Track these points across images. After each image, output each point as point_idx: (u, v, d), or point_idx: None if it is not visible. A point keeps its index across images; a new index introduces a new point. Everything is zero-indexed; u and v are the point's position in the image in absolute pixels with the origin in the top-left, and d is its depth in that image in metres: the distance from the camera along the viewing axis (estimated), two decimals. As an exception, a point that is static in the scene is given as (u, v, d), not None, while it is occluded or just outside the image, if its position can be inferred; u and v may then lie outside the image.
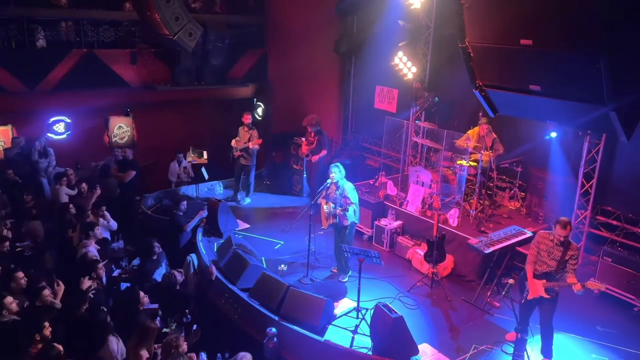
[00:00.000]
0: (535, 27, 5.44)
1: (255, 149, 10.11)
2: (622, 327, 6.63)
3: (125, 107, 12.18)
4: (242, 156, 10.19)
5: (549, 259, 5.60)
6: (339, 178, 7.26)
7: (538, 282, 5.62)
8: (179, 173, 11.09)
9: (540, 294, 5.60)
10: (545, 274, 5.62)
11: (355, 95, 12.79)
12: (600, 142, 7.93)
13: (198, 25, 9.65)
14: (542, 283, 5.59)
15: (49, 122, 11.52)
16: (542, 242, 5.69)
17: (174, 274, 6.38)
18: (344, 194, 7.24)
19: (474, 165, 8.59)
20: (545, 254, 5.63)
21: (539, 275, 5.65)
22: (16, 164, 9.81)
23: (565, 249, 5.53)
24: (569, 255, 5.53)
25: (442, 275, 7.71)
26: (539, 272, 5.66)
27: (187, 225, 8.22)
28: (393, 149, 11.54)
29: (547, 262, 5.61)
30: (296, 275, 7.67)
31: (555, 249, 5.57)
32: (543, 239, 5.69)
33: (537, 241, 5.76)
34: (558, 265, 5.55)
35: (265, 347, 5.93)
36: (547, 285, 5.58)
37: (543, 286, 5.58)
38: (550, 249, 5.61)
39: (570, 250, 5.53)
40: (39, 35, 10.83)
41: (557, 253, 5.55)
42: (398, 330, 5.64)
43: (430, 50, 10.22)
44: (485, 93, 6.56)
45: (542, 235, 5.73)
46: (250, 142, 9.93)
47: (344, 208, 7.22)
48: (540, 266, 5.66)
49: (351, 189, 7.33)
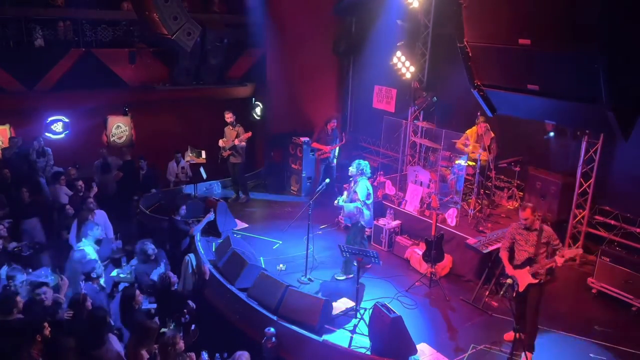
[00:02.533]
0: (533, 27, 5.45)
1: (242, 145, 10.15)
2: (619, 326, 6.64)
3: (124, 107, 12.16)
4: (231, 155, 10.26)
5: (527, 245, 5.73)
6: (357, 174, 7.36)
7: (522, 272, 5.74)
8: (177, 173, 11.08)
9: (528, 281, 5.70)
10: (527, 260, 5.74)
11: (353, 95, 12.81)
12: (598, 142, 7.95)
13: (196, 24, 9.63)
14: (527, 270, 5.70)
15: (47, 122, 11.48)
16: (516, 233, 5.86)
17: (168, 275, 6.37)
18: (354, 189, 7.34)
19: (472, 165, 8.59)
20: (522, 242, 5.78)
21: (522, 264, 5.76)
22: (14, 163, 9.79)
23: (539, 233, 5.68)
24: (545, 237, 5.67)
25: (440, 275, 7.71)
26: (521, 260, 5.78)
27: (193, 229, 8.21)
28: (391, 149, 11.55)
29: (526, 249, 5.73)
30: (295, 274, 7.67)
31: (529, 235, 5.73)
32: (516, 229, 5.86)
33: (510, 232, 5.94)
34: (536, 249, 5.68)
35: (264, 347, 5.92)
36: (532, 270, 5.69)
37: (528, 272, 5.69)
38: (525, 237, 5.76)
39: (544, 232, 5.69)
40: (37, 34, 10.80)
41: (534, 238, 5.71)
42: (396, 330, 5.64)
43: (428, 50, 10.23)
44: (483, 93, 6.56)
45: (514, 227, 5.91)
46: (237, 139, 9.98)
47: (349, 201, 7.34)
48: (520, 255, 5.79)
49: (363, 186, 7.34)
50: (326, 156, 10.38)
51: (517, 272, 5.78)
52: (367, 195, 7.33)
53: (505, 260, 5.93)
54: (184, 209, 8.25)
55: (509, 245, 5.95)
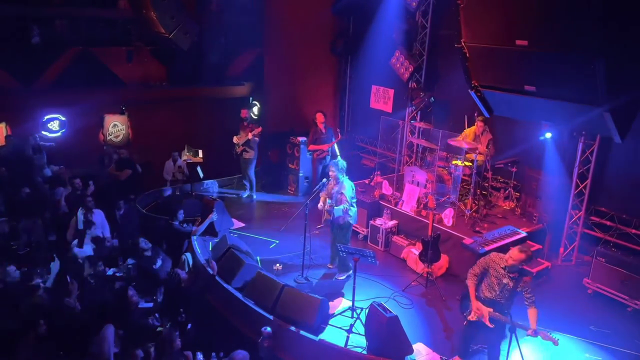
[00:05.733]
0: (530, 28, 5.47)
1: (255, 140, 10.22)
2: (615, 327, 6.66)
3: (121, 106, 12.13)
4: (244, 150, 10.34)
5: (497, 286, 5.11)
6: (338, 174, 7.33)
7: (484, 307, 5.19)
8: (174, 172, 11.07)
9: (484, 320, 5.17)
10: (493, 301, 5.16)
11: (351, 94, 12.82)
12: (595, 143, 7.98)
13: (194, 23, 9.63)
14: (489, 311, 5.14)
15: (44, 120, 11.45)
16: (492, 267, 5.15)
17: (177, 272, 6.37)
18: (340, 190, 7.29)
19: (469, 165, 8.61)
20: (494, 280, 5.12)
21: (486, 301, 5.20)
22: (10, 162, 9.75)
23: (517, 280, 5.05)
24: (521, 286, 5.07)
25: (436, 274, 7.73)
26: (486, 297, 5.20)
27: (196, 230, 8.22)
28: (388, 149, 11.56)
29: (495, 289, 5.13)
30: (291, 274, 7.67)
31: (505, 277, 5.06)
32: (494, 264, 5.15)
33: (486, 262, 5.22)
34: (508, 297, 5.12)
35: (261, 347, 5.92)
36: (493, 315, 5.13)
37: (489, 314, 5.14)
38: (500, 276, 5.09)
39: (522, 282, 5.06)
40: (34, 32, 10.77)
41: (509, 283, 5.06)
42: (393, 330, 5.65)
43: (426, 51, 10.25)
44: (480, 93, 6.57)
45: (494, 260, 5.18)
46: (250, 133, 10.10)
47: (335, 204, 7.27)
48: (488, 292, 5.19)
49: (349, 187, 7.35)
50: (324, 155, 10.37)
51: (479, 305, 5.21)
52: (354, 194, 7.41)
53: (471, 288, 5.26)
54: (182, 213, 8.28)
55: (479, 272, 5.24)
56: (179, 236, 8.18)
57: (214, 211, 8.52)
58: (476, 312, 5.26)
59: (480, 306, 5.21)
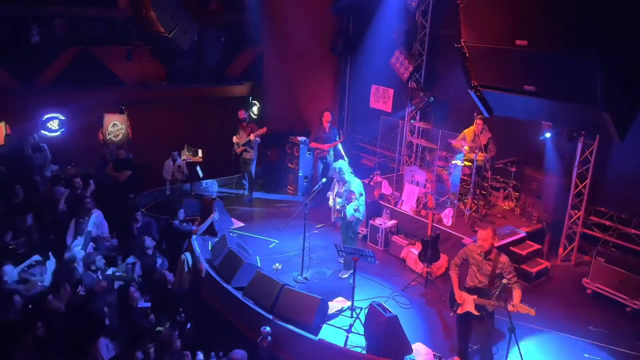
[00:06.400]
0: (530, 28, 5.46)
1: (257, 140, 10.20)
2: (614, 327, 6.67)
3: (120, 105, 12.12)
4: (244, 150, 10.31)
5: (478, 273, 5.34)
6: (344, 176, 7.43)
7: (468, 296, 5.37)
8: (174, 171, 11.06)
9: (469, 309, 5.33)
10: (476, 289, 5.35)
11: (351, 94, 12.82)
12: (594, 143, 7.98)
13: (194, 23, 9.61)
14: (473, 298, 5.32)
15: (43, 119, 11.44)
16: (470, 256, 5.44)
17: (163, 273, 6.37)
18: (349, 189, 7.41)
19: (469, 165, 8.61)
20: (475, 268, 5.38)
21: (470, 290, 5.40)
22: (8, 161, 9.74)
23: (494, 263, 5.23)
24: (499, 268, 5.22)
25: (436, 274, 7.73)
26: (470, 286, 5.42)
27: (198, 229, 8.22)
28: (388, 149, 11.56)
29: (477, 276, 5.36)
30: (291, 273, 7.66)
31: (484, 263, 5.30)
32: (472, 252, 5.43)
33: (465, 253, 5.53)
34: (490, 281, 5.27)
35: (260, 346, 5.92)
36: (478, 301, 5.29)
37: (473, 302, 5.31)
38: (479, 263, 5.34)
39: (499, 263, 5.23)
40: (34, 31, 10.75)
41: (487, 267, 5.27)
42: (392, 330, 5.65)
43: (426, 50, 10.25)
44: (480, 93, 6.57)
45: (471, 249, 5.48)
46: (252, 134, 10.05)
47: (346, 203, 7.39)
48: (471, 281, 5.43)
49: (357, 183, 7.48)
50: (324, 154, 10.35)
51: (464, 295, 5.41)
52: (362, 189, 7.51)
53: (454, 279, 5.53)
54: (182, 212, 8.28)
55: (460, 263, 5.55)
56: (179, 235, 8.18)
57: (215, 211, 8.50)
58: (458, 299, 5.43)
59: (463, 294, 5.42)
